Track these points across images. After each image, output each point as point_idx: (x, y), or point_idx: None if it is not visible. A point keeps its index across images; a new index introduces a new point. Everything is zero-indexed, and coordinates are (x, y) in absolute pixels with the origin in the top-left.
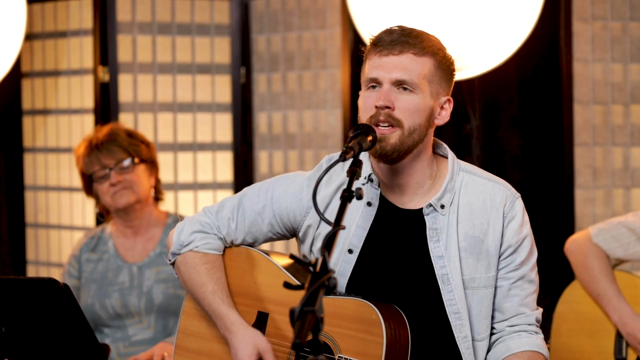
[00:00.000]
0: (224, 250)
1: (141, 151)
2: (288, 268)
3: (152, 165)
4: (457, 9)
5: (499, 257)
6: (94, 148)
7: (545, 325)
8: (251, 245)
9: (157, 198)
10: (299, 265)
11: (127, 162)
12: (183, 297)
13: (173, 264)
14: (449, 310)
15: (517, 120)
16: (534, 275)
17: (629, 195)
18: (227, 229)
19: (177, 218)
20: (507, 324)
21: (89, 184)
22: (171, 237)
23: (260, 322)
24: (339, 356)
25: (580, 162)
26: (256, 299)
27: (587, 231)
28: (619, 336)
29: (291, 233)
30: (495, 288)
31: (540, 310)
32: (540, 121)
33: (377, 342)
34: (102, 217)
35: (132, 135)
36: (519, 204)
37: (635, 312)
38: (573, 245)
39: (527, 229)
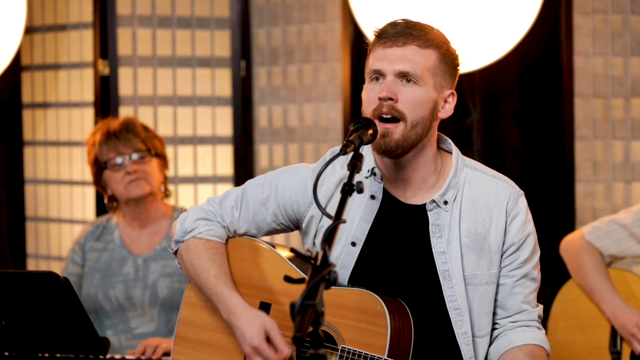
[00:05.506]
0: (227, 240)
1: (155, 145)
2: (292, 259)
3: (164, 160)
4: (457, 2)
5: (502, 255)
6: (112, 135)
7: (543, 321)
8: (254, 236)
9: (165, 195)
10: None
11: (143, 153)
12: None
13: (176, 252)
14: (449, 306)
15: (518, 114)
16: (537, 273)
17: (629, 189)
18: (231, 218)
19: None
20: (510, 320)
21: (99, 173)
22: (175, 226)
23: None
24: (342, 347)
25: (581, 156)
26: (259, 289)
27: (580, 230)
28: (613, 330)
29: (295, 224)
30: (498, 285)
31: (541, 307)
32: (540, 115)
33: (382, 333)
34: (109, 209)
35: (147, 128)
36: (523, 201)
37: (628, 305)
38: (567, 244)
39: (531, 226)
